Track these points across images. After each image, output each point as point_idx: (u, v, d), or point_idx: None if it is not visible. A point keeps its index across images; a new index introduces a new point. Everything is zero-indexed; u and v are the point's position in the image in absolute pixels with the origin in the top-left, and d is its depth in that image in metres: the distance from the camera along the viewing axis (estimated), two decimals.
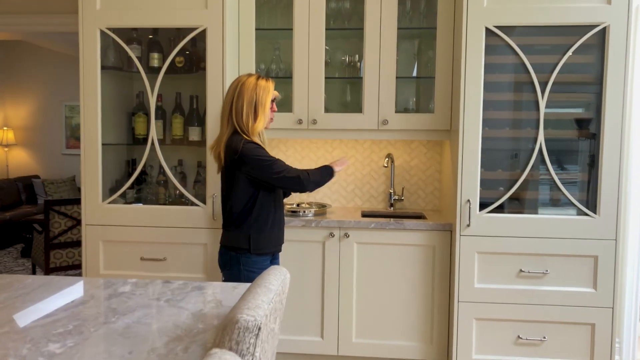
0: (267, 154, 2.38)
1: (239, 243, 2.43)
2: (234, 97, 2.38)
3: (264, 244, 2.46)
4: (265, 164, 2.35)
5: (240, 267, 2.43)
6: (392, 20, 3.10)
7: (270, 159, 2.37)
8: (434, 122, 3.13)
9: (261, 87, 2.39)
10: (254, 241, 2.42)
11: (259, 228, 2.43)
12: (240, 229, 2.43)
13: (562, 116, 2.89)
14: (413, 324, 3.04)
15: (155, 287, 1.77)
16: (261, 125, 2.40)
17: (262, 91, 2.39)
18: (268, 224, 2.45)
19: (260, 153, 2.35)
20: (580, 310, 2.83)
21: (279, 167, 2.36)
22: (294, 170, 2.40)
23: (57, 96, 8.09)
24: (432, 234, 2.99)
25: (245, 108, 2.36)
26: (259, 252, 2.44)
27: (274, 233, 2.50)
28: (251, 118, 2.37)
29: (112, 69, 3.19)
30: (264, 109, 2.39)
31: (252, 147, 2.34)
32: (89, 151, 3.04)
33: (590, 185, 2.85)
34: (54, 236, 4.67)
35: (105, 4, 2.98)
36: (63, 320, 1.43)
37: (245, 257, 2.43)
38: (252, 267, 2.43)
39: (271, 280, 1.31)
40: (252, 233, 2.42)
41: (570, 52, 2.76)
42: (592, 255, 2.81)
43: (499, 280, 2.87)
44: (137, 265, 3.05)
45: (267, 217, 2.45)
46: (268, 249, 2.48)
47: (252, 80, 2.39)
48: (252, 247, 2.42)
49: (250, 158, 2.33)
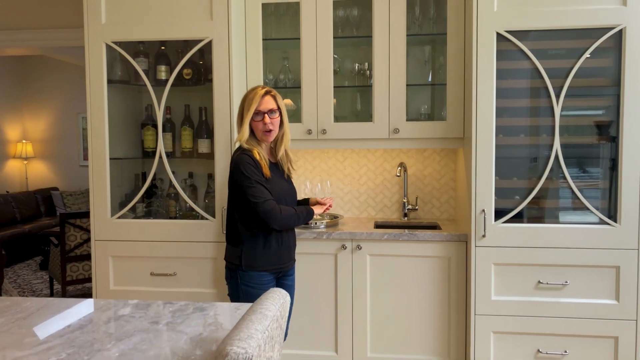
0: (254, 174, 2.30)
1: (232, 258, 2.41)
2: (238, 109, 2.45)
3: (258, 260, 2.38)
4: (246, 183, 2.30)
5: (238, 282, 2.39)
6: (401, 27, 3.03)
7: (252, 180, 2.29)
8: (446, 130, 3.05)
9: (246, 97, 2.38)
10: (246, 257, 2.38)
11: (252, 244, 2.38)
12: (234, 244, 2.42)
13: (579, 122, 2.79)
14: (429, 338, 2.96)
15: (156, 309, 1.73)
16: (240, 136, 2.36)
17: (245, 101, 2.38)
18: (261, 240, 2.38)
19: (247, 169, 2.29)
20: (602, 323, 2.72)
21: (257, 193, 2.28)
22: (270, 204, 2.29)
23: (74, 108, 8.19)
24: (447, 245, 2.91)
25: (237, 119, 2.43)
26: (252, 269, 2.38)
27: (272, 251, 2.41)
28: (238, 128, 2.41)
29: (119, 82, 3.18)
30: (245, 119, 2.35)
31: (244, 161, 2.31)
32: (97, 166, 3.03)
33: (611, 193, 2.74)
34: (69, 249, 4.69)
35: (110, 18, 2.98)
36: (57, 348, 1.39)
37: (240, 272, 2.39)
38: (249, 282, 2.38)
39: (268, 305, 1.26)
40: (244, 248, 2.38)
41: (585, 55, 2.67)
42: (613, 265, 2.70)
43: (517, 292, 2.77)
44: (147, 280, 3.02)
45: (260, 234, 2.38)
46: (264, 267, 2.40)
47: (250, 90, 2.42)
48: (243, 262, 2.37)
49: (237, 171, 2.32)
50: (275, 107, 2.39)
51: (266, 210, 2.28)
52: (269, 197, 2.31)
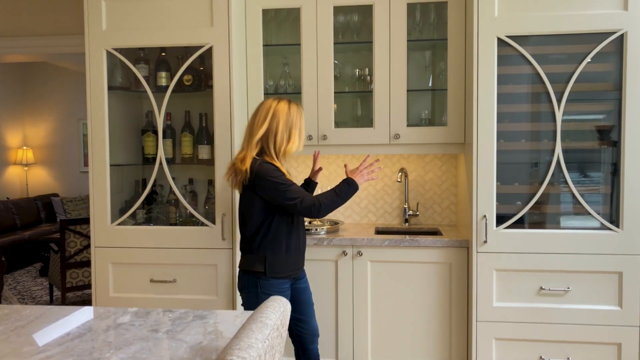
0: (284, 178, 2.35)
1: (255, 266, 2.41)
2: (267, 119, 2.38)
3: (281, 267, 2.42)
4: (280, 188, 2.32)
5: (258, 291, 2.40)
6: (401, 33, 3.03)
7: (286, 183, 2.34)
8: (447, 135, 3.04)
9: (295, 110, 2.42)
10: (270, 264, 2.39)
11: (275, 251, 2.40)
12: (256, 252, 2.41)
13: (580, 126, 2.78)
14: (430, 345, 2.94)
15: (155, 317, 1.72)
16: (294, 147, 2.42)
17: (297, 115, 2.42)
18: (284, 247, 2.42)
19: (276, 175, 2.33)
20: (605, 329, 2.70)
21: (294, 194, 2.33)
22: (308, 200, 2.34)
23: (74, 114, 8.20)
24: (448, 251, 2.89)
25: (281, 130, 2.38)
26: (275, 276, 2.40)
27: (291, 256, 2.45)
28: (285, 139, 2.39)
29: (120, 89, 3.18)
30: (299, 132, 2.43)
31: (270, 169, 2.33)
32: (98, 172, 3.02)
33: (613, 198, 2.73)
34: (69, 255, 4.68)
35: (111, 24, 2.98)
36: (56, 357, 1.38)
37: (262, 280, 2.40)
38: (269, 290, 2.39)
39: (268, 314, 1.24)
40: (268, 256, 2.40)
41: (586, 60, 2.66)
42: (616, 271, 2.68)
43: (519, 298, 2.76)
44: (147, 287, 3.01)
45: (283, 240, 2.42)
46: (285, 273, 2.44)
47: (285, 104, 2.42)
48: (267, 270, 2.39)
49: (266, 180, 2.32)
50: None
51: (307, 206, 2.33)
52: (304, 193, 2.35)
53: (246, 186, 2.38)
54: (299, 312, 2.57)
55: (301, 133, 2.44)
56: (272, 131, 2.37)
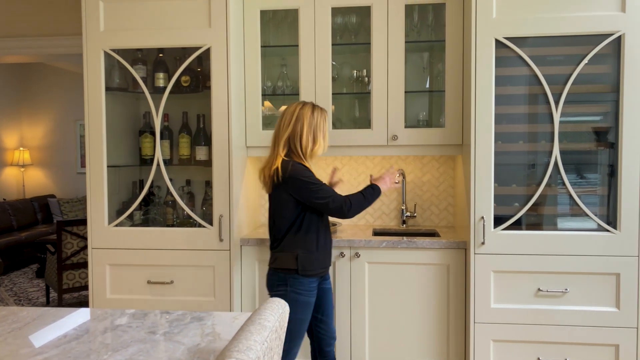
0: (314, 178, 2.44)
1: (287, 264, 2.45)
2: (292, 123, 2.47)
3: (312, 265, 2.47)
4: (312, 188, 2.40)
5: (287, 289, 2.45)
6: (399, 34, 3.03)
7: (317, 183, 2.42)
8: (444, 136, 3.04)
9: (318, 114, 2.51)
10: (301, 262, 2.44)
11: (307, 249, 2.46)
12: (288, 250, 2.47)
13: (578, 128, 2.78)
14: (428, 346, 2.94)
15: (153, 319, 1.71)
16: (320, 150, 2.51)
17: (320, 118, 2.51)
18: (314, 245, 2.48)
19: (307, 175, 2.42)
20: (602, 330, 2.70)
21: (325, 193, 2.41)
22: (338, 199, 2.43)
23: (72, 115, 8.17)
24: (446, 253, 2.89)
25: (305, 133, 2.46)
26: (306, 274, 2.45)
27: (321, 254, 2.52)
28: (310, 142, 2.47)
29: (117, 90, 3.17)
30: (323, 134, 2.51)
31: (301, 169, 2.42)
32: (95, 173, 3.01)
33: (610, 199, 2.74)
34: (66, 257, 4.66)
35: (109, 25, 2.97)
36: (53, 359, 1.37)
37: (293, 279, 2.45)
38: (299, 289, 2.44)
39: (267, 316, 1.24)
40: (300, 254, 2.45)
41: (584, 62, 2.67)
42: (613, 272, 2.68)
43: (517, 300, 2.76)
44: (144, 288, 3.00)
45: (314, 238, 2.49)
46: (316, 271, 2.49)
47: (309, 108, 2.50)
48: (299, 268, 2.43)
49: (297, 180, 2.40)
50: None
51: (338, 205, 2.41)
52: (334, 193, 2.44)
53: (277, 185, 2.45)
54: (321, 313, 2.62)
55: (325, 135, 2.52)
56: (297, 134, 2.46)
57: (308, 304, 2.48)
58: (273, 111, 3.38)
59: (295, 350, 2.52)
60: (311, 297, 2.49)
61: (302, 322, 2.47)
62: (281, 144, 2.47)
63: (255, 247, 3.02)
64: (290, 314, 2.42)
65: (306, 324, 2.51)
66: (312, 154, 2.50)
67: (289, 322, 2.41)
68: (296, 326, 2.45)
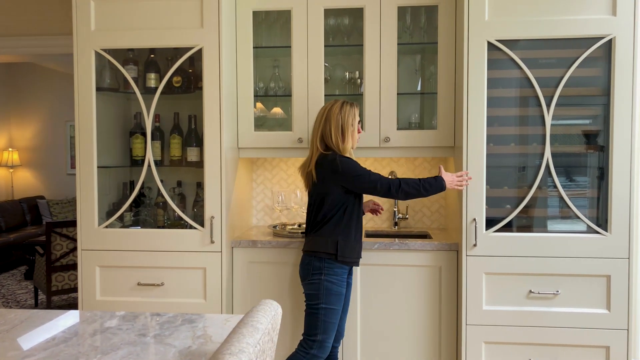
0: (361, 167, 2.55)
1: (327, 248, 2.53)
2: (322, 122, 2.59)
3: (349, 252, 2.56)
4: (361, 175, 2.52)
5: (322, 277, 2.52)
6: (392, 36, 3.03)
7: (364, 170, 2.54)
8: (437, 138, 3.04)
9: (346, 111, 2.58)
10: (341, 248, 2.52)
11: (346, 236, 2.55)
12: (328, 236, 2.54)
13: (569, 131, 2.79)
14: (419, 348, 2.94)
15: (143, 321, 1.69)
16: (349, 145, 2.59)
17: (347, 115, 2.57)
18: (353, 233, 2.58)
19: (355, 166, 2.54)
20: (593, 332, 2.71)
21: (374, 177, 2.53)
22: (385, 181, 2.53)
23: (62, 116, 8.11)
24: (438, 254, 2.89)
25: (334, 131, 2.56)
26: (343, 260, 2.53)
27: (358, 244, 2.62)
28: (340, 140, 2.56)
29: (108, 90, 3.14)
30: (351, 131, 2.58)
31: (348, 161, 2.53)
32: (85, 174, 2.98)
33: (600, 202, 2.75)
34: (55, 259, 4.62)
35: (100, 25, 2.94)
36: None
37: (328, 267, 2.52)
38: (332, 277, 2.52)
39: (259, 318, 1.23)
40: (340, 240, 2.53)
41: (575, 65, 2.68)
42: (604, 274, 2.70)
43: (508, 301, 2.76)
44: (134, 290, 2.98)
45: (353, 227, 2.58)
46: (351, 258, 2.58)
47: (338, 106, 2.58)
48: (339, 253, 2.52)
49: (347, 170, 2.51)
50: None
51: (384, 188, 2.52)
52: (380, 177, 2.54)
53: (323, 179, 2.54)
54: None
55: (354, 132, 2.60)
56: (326, 134, 2.57)
57: (340, 294, 2.55)
58: (265, 112, 3.37)
59: (329, 342, 2.56)
60: (342, 288, 2.56)
61: (334, 313, 2.54)
62: (317, 143, 2.59)
63: (247, 249, 3.00)
64: (323, 304, 2.51)
65: (338, 315, 2.57)
66: (343, 150, 2.57)
67: (323, 313, 2.50)
68: (329, 316, 2.52)
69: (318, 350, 2.53)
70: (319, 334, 2.52)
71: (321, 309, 2.52)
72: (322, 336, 2.52)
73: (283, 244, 2.97)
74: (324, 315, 2.52)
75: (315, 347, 2.53)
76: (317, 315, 2.52)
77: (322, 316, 2.52)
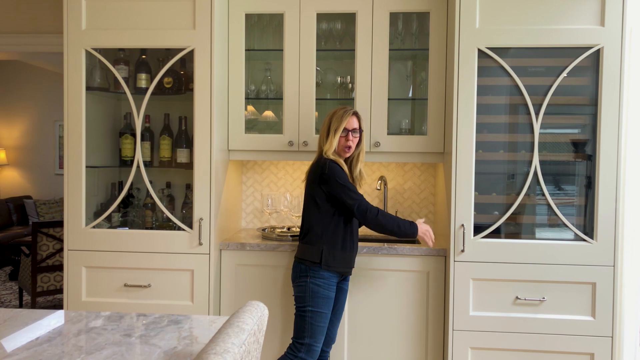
0: (347, 180, 2.56)
1: (312, 256, 2.55)
2: (322, 127, 2.67)
3: (335, 261, 2.56)
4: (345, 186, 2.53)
5: (308, 280, 2.54)
6: (383, 42, 3.04)
7: (351, 186, 2.56)
8: (426, 144, 3.06)
9: (335, 115, 2.62)
10: (325, 256, 2.54)
11: (332, 245, 2.56)
12: (314, 244, 2.56)
13: (557, 139, 2.82)
14: (406, 353, 2.94)
15: (129, 321, 1.68)
16: (328, 147, 2.59)
17: (334, 118, 2.61)
18: (340, 243, 2.58)
19: (341, 177, 2.54)
20: (578, 339, 2.73)
21: (357, 195, 2.54)
22: (366, 204, 2.54)
23: (50, 116, 8.04)
24: (426, 260, 2.90)
25: (323, 132, 2.65)
26: (327, 269, 2.54)
27: (346, 254, 2.61)
28: (324, 140, 2.63)
29: (98, 89, 3.12)
30: (334, 134, 2.59)
31: (337, 168, 2.55)
32: (73, 174, 2.96)
33: (587, 210, 2.77)
34: (41, 259, 4.57)
35: (91, 24, 2.93)
36: None
37: (314, 271, 2.54)
38: (318, 281, 2.54)
39: (245, 318, 1.22)
40: (325, 249, 2.55)
41: (564, 74, 2.71)
42: (590, 282, 2.72)
43: (495, 307, 2.77)
44: (120, 292, 2.95)
45: (340, 237, 2.59)
46: (337, 268, 2.58)
47: (334, 111, 2.65)
48: (322, 261, 2.53)
49: (333, 175, 2.52)
50: (358, 128, 2.65)
51: (361, 210, 2.52)
52: (362, 198, 2.56)
53: (313, 182, 2.58)
54: (332, 312, 2.67)
55: (334, 135, 2.59)
56: (322, 134, 2.66)
57: (327, 297, 2.55)
58: (256, 115, 3.37)
59: (318, 346, 2.56)
60: (331, 292, 2.56)
61: (322, 316, 2.54)
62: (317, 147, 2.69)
63: (235, 252, 2.99)
64: (309, 306, 2.52)
65: (326, 319, 2.57)
66: (327, 151, 2.59)
67: (310, 316, 2.51)
68: (316, 319, 2.52)
69: (306, 354, 2.53)
70: (306, 337, 2.53)
71: (308, 311, 2.52)
72: (309, 340, 2.52)
73: (272, 247, 2.96)
74: (310, 317, 2.52)
75: (304, 350, 2.52)
76: (305, 318, 2.53)
77: (309, 319, 2.52)
